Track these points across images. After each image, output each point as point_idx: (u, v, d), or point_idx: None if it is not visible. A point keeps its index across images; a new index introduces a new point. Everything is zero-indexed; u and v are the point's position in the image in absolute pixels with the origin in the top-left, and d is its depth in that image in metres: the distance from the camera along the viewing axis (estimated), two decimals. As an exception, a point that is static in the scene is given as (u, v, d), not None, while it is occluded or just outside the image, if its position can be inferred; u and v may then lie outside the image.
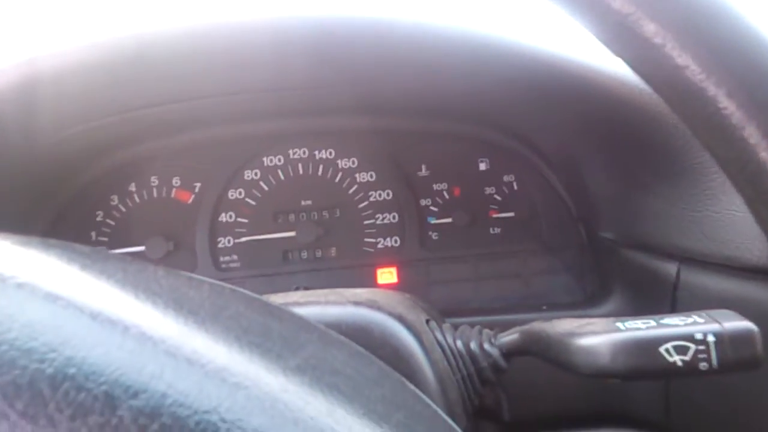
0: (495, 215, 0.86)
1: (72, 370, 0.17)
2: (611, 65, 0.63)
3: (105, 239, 0.83)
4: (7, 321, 0.18)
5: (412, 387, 0.32)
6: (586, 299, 0.80)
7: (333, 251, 0.85)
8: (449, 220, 0.86)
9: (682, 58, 0.26)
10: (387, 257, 0.85)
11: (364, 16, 0.64)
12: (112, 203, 0.84)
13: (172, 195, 0.85)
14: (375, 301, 0.44)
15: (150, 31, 0.62)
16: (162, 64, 0.66)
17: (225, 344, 0.21)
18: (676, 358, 0.36)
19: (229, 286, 0.29)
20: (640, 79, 0.29)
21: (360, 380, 0.26)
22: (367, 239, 0.86)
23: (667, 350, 0.36)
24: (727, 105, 0.25)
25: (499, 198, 0.87)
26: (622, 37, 0.27)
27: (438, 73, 0.71)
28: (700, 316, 0.38)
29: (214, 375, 0.19)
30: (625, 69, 0.61)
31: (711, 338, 0.36)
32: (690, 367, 0.36)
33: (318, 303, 0.44)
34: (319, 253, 0.85)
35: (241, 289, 0.30)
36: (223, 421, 0.18)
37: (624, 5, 0.26)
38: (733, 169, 0.27)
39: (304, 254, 0.85)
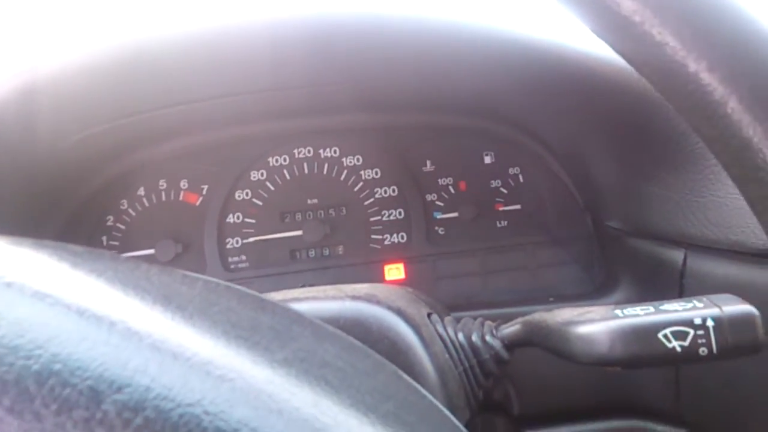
0: (501, 208, 0.86)
1: (57, 366, 0.17)
2: (610, 54, 0.62)
3: (116, 243, 0.84)
4: None
5: (407, 378, 0.32)
6: (595, 289, 0.80)
7: (340, 249, 0.86)
8: (455, 214, 0.86)
9: (661, 35, 0.25)
10: (394, 253, 0.85)
11: (365, 13, 0.65)
12: (122, 207, 0.85)
13: (180, 198, 0.85)
14: (374, 296, 0.44)
15: (153, 35, 0.63)
16: (165, 67, 0.67)
17: (212, 338, 0.22)
18: (675, 344, 0.36)
19: (225, 283, 0.30)
20: (624, 60, 0.28)
21: (351, 372, 0.26)
22: (373, 236, 0.86)
23: (665, 336, 0.36)
24: (709, 80, 0.25)
25: (505, 191, 0.87)
26: (601, 16, 0.27)
27: (441, 68, 0.71)
28: (700, 300, 0.38)
29: (199, 368, 0.19)
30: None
31: (710, 323, 0.36)
32: (689, 353, 0.35)
33: (317, 299, 0.44)
34: (326, 251, 0.85)
35: (237, 286, 0.30)
36: (206, 413, 0.18)
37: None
38: (717, 147, 0.27)
39: (312, 253, 0.85)
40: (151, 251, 0.83)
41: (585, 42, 0.64)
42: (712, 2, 0.25)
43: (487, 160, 0.87)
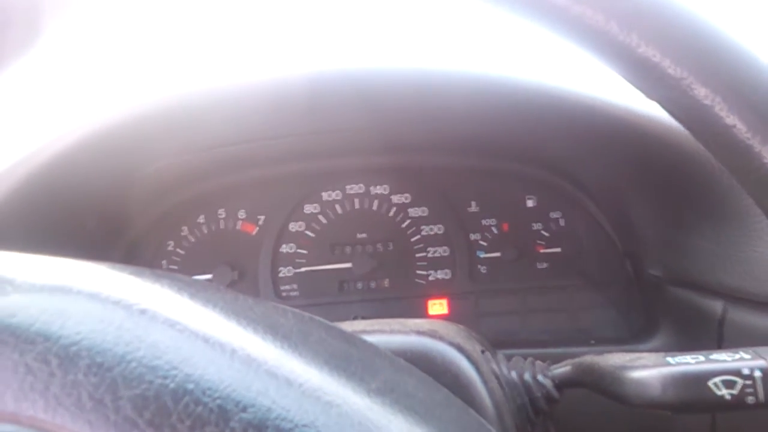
0: (542, 250, 0.89)
1: (191, 386, 0.19)
2: (657, 111, 0.65)
3: (175, 267, 0.89)
4: (135, 341, 0.20)
5: (474, 412, 0.35)
6: (633, 335, 0.82)
7: (386, 282, 0.89)
8: (498, 254, 0.89)
9: (730, 119, 0.29)
10: (438, 289, 0.88)
11: (417, 66, 0.69)
12: (182, 234, 0.90)
13: (238, 227, 0.90)
14: (436, 331, 0.47)
15: (223, 81, 0.69)
16: (233, 109, 0.71)
17: (316, 367, 0.24)
18: (725, 392, 0.38)
19: (307, 314, 0.33)
20: (692, 135, 0.32)
21: (431, 403, 0.29)
22: (418, 271, 0.89)
23: (715, 384, 0.38)
24: None
25: (546, 234, 0.89)
26: (676, 99, 0.30)
27: (488, 118, 0.75)
28: (746, 352, 0.40)
29: (311, 393, 0.21)
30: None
31: (758, 373, 0.38)
32: (738, 401, 0.37)
33: (384, 332, 0.47)
34: (373, 284, 0.89)
35: (317, 317, 0.33)
36: None
37: (678, 71, 0.29)
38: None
39: (359, 285, 0.89)
40: (208, 276, 0.87)
41: (632, 98, 0.67)
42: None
43: (530, 203, 0.91)
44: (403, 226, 0.90)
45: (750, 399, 0.38)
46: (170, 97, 0.69)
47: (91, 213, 0.75)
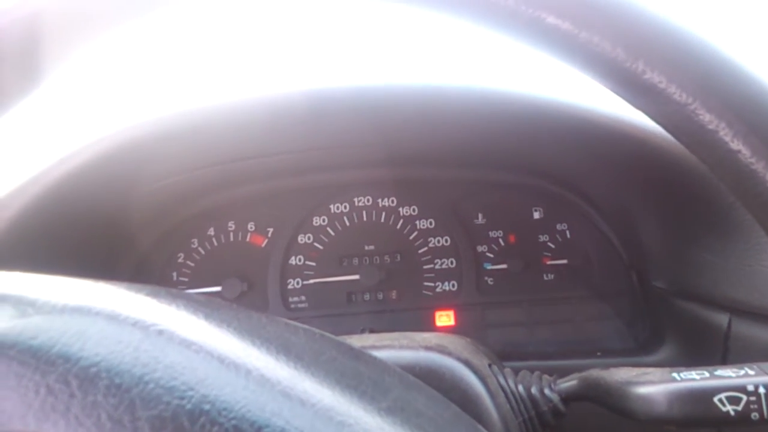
0: (548, 262, 0.89)
1: (207, 407, 0.20)
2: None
3: (185, 279, 0.89)
4: (152, 362, 0.21)
5: (482, 429, 0.35)
6: (639, 347, 0.82)
7: (394, 294, 0.89)
8: (504, 266, 0.89)
9: (734, 144, 0.29)
10: (445, 301, 0.89)
11: (424, 82, 0.70)
12: (192, 246, 0.91)
13: (247, 239, 0.91)
14: (444, 346, 0.47)
15: (229, 98, 0.70)
16: (240, 125, 0.72)
17: (328, 387, 0.24)
18: (729, 408, 0.38)
19: (318, 330, 0.33)
20: (697, 159, 0.32)
21: (440, 422, 0.29)
22: (426, 283, 0.90)
23: (720, 400, 0.39)
24: None
25: (552, 245, 0.90)
26: (681, 124, 0.31)
27: (495, 131, 0.76)
28: (751, 368, 0.40)
29: (323, 414, 0.22)
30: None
31: (762, 390, 0.38)
32: (742, 417, 0.38)
33: (392, 347, 0.47)
34: (380, 296, 0.89)
35: (327, 334, 0.34)
36: None
37: (683, 96, 0.30)
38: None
39: (367, 296, 0.90)
40: (217, 288, 0.87)
41: (638, 113, 0.67)
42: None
43: (536, 215, 0.91)
44: (411, 238, 0.91)
45: (754, 415, 0.38)
46: (178, 115, 0.70)
47: (102, 227, 0.76)
